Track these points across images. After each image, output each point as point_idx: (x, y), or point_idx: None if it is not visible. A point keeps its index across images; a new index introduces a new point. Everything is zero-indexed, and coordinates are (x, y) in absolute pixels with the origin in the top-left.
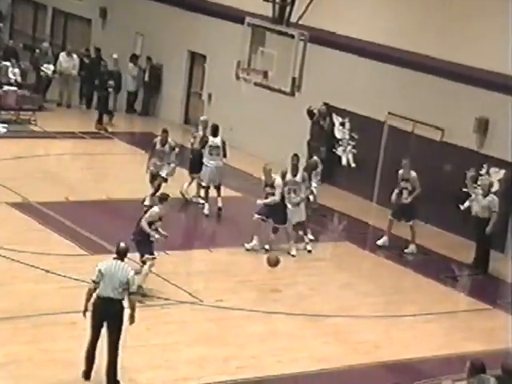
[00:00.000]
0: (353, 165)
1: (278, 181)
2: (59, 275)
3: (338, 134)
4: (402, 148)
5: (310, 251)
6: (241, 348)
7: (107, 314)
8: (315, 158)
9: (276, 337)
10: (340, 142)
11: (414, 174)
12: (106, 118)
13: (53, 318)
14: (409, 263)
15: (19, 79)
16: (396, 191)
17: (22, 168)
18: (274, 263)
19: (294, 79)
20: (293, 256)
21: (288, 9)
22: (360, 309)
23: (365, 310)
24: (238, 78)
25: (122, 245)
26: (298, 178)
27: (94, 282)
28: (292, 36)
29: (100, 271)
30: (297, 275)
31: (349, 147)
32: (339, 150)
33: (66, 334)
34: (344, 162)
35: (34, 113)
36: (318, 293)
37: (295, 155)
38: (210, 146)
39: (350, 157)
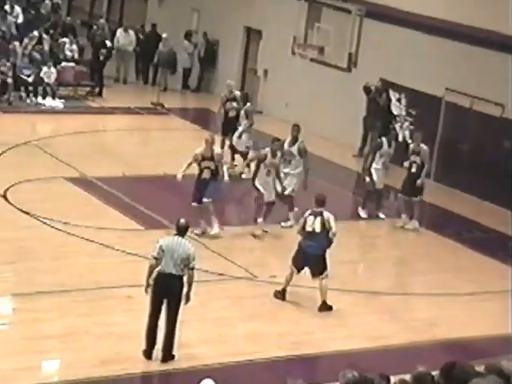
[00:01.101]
0: (409, 141)
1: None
2: (116, 249)
3: (394, 110)
4: (460, 124)
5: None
6: (295, 324)
7: (169, 290)
8: (383, 139)
9: (330, 313)
10: (397, 118)
11: (425, 147)
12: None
13: (109, 291)
14: (466, 241)
15: (76, 55)
16: (405, 165)
17: (79, 143)
18: None
19: (350, 55)
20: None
21: None
22: (415, 286)
23: (420, 287)
24: (293, 53)
25: (182, 221)
26: (294, 149)
27: (155, 258)
28: (349, 11)
29: (161, 247)
30: (351, 252)
31: (406, 123)
32: (396, 126)
33: (122, 307)
34: (400, 138)
35: (93, 88)
36: (372, 270)
37: (295, 125)
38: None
39: (407, 133)
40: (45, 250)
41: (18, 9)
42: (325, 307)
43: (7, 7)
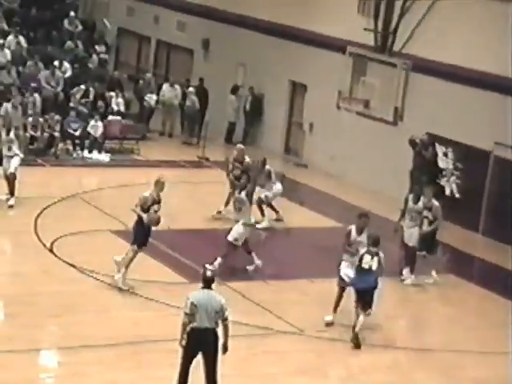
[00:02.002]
0: (457, 195)
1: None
2: (160, 302)
3: (441, 164)
4: (508, 178)
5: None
6: (343, 381)
7: (205, 344)
8: (409, 196)
9: (379, 370)
10: (443, 172)
11: (436, 203)
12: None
13: (154, 345)
14: None
15: (122, 109)
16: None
17: (124, 196)
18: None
19: (396, 108)
20: None
21: (390, 38)
22: (467, 343)
23: (472, 344)
24: (339, 107)
25: (209, 273)
26: (243, 195)
27: (187, 314)
28: (394, 65)
29: (193, 303)
30: (400, 307)
31: (452, 177)
32: (443, 181)
33: (168, 361)
34: (447, 192)
35: (137, 142)
36: (421, 326)
37: (264, 159)
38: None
39: (454, 187)
40: (90, 303)
41: (66, 64)
42: (356, 340)
43: (56, 62)
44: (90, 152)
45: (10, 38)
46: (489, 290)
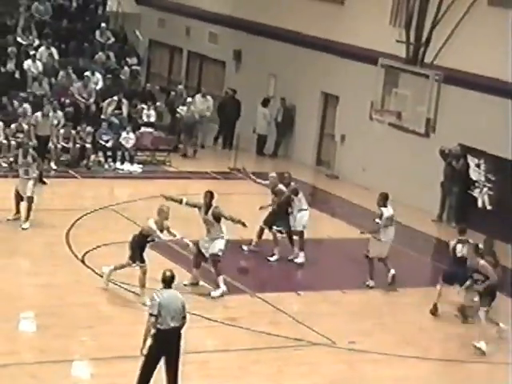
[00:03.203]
0: (489, 207)
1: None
2: (192, 314)
3: (473, 176)
4: None
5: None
6: None
7: (171, 345)
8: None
9: (410, 382)
10: (475, 184)
11: (482, 262)
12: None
13: (186, 357)
14: None
15: (152, 120)
16: (467, 284)
17: (156, 208)
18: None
19: (428, 120)
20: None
21: (422, 49)
22: (496, 355)
23: (502, 356)
24: (371, 118)
25: (168, 273)
26: (209, 216)
27: (153, 315)
28: (426, 76)
29: (160, 304)
30: (431, 319)
31: (485, 189)
32: (475, 192)
33: (200, 372)
34: (480, 203)
35: (169, 154)
36: (451, 337)
37: (206, 193)
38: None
39: (486, 198)
40: (122, 315)
41: (98, 75)
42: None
43: (88, 73)
44: (121, 163)
45: (42, 49)
46: None
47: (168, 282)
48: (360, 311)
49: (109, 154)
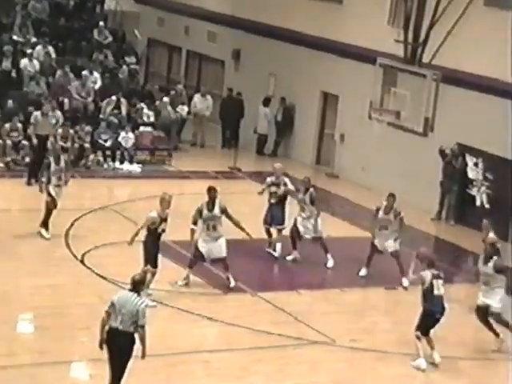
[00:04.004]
0: (487, 205)
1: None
2: (193, 313)
3: (471, 174)
4: None
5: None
6: None
7: (114, 345)
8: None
9: (412, 379)
10: (474, 183)
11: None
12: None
13: (187, 356)
14: None
15: (152, 119)
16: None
17: (156, 207)
18: None
19: (426, 119)
20: None
21: (420, 49)
22: (496, 353)
23: (500, 354)
24: (370, 118)
25: (137, 276)
26: (216, 211)
27: (106, 312)
28: (424, 76)
29: (112, 302)
30: None
31: (483, 187)
32: (473, 191)
33: (201, 372)
34: (478, 202)
35: (169, 153)
36: (452, 335)
37: (210, 188)
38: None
39: (484, 197)
40: None
41: (96, 74)
42: None
43: (86, 72)
44: (121, 163)
45: (39, 48)
46: None
47: (132, 283)
48: (360, 309)
49: (108, 153)
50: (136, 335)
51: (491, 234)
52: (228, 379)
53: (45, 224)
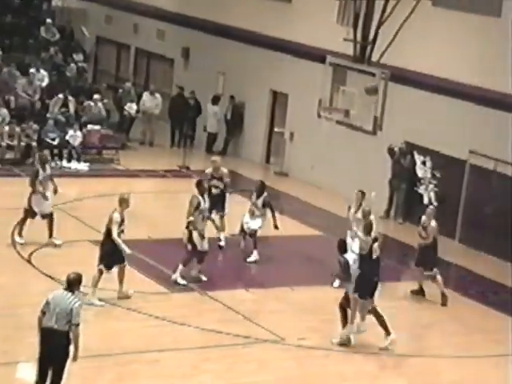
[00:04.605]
0: (435, 203)
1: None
2: (142, 313)
3: (419, 173)
4: (484, 186)
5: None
6: None
7: (49, 345)
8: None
9: (359, 377)
10: (421, 181)
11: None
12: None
13: (136, 356)
14: (491, 302)
15: (101, 118)
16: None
17: (104, 206)
18: None
19: (375, 118)
20: None
21: (369, 48)
22: (443, 349)
23: (448, 350)
24: (319, 116)
25: (73, 275)
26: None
27: (41, 311)
28: (373, 74)
29: (47, 301)
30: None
31: (430, 186)
32: (421, 189)
33: (149, 372)
34: (426, 200)
35: (117, 151)
36: (399, 332)
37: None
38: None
39: (432, 195)
40: None
41: (43, 72)
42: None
43: (33, 70)
44: (68, 162)
45: None
46: (464, 296)
47: (67, 282)
48: (309, 308)
49: (55, 152)
50: (70, 335)
51: (433, 223)
52: (177, 378)
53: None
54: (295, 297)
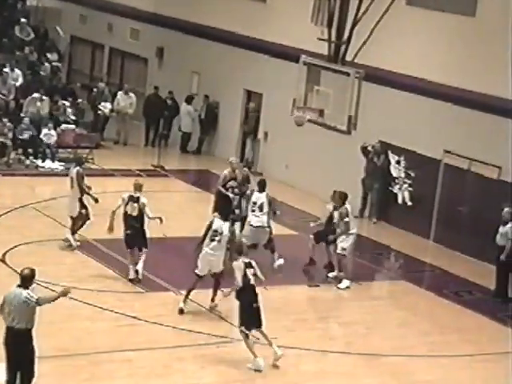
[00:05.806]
0: (409, 203)
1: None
2: (115, 312)
3: (393, 172)
4: (458, 186)
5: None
6: None
7: (10, 345)
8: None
9: (331, 376)
10: (396, 180)
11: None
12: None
13: (109, 355)
14: (465, 302)
15: (75, 118)
16: None
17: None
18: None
19: (349, 117)
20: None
21: (343, 47)
22: (417, 348)
23: (422, 349)
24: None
25: (26, 271)
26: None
27: (1, 311)
28: (347, 74)
29: (4, 300)
30: (353, 314)
31: (405, 185)
32: (395, 188)
33: (123, 372)
34: (400, 200)
35: (91, 151)
36: (374, 332)
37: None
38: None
39: (406, 195)
40: (43, 314)
41: (17, 71)
42: None
43: (7, 69)
44: (43, 161)
45: None
46: (439, 296)
47: (20, 279)
48: (282, 307)
49: (29, 151)
50: (33, 331)
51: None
52: (151, 377)
53: None
54: (269, 296)
